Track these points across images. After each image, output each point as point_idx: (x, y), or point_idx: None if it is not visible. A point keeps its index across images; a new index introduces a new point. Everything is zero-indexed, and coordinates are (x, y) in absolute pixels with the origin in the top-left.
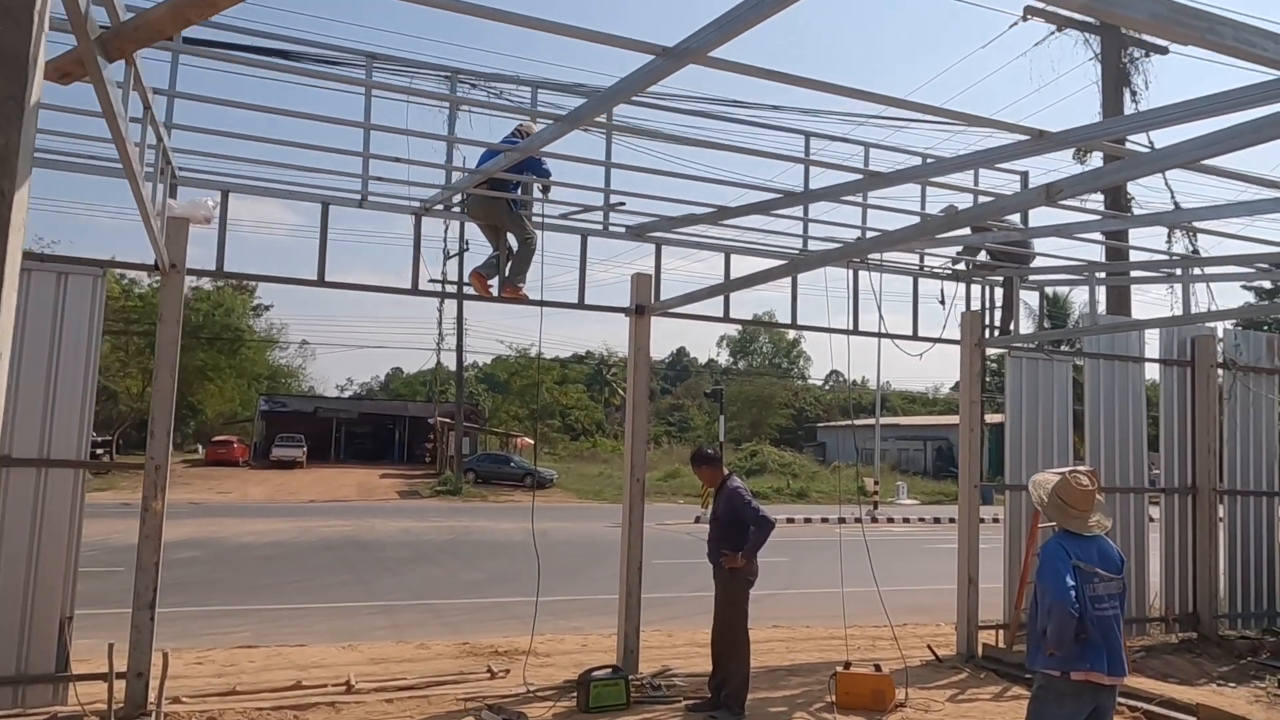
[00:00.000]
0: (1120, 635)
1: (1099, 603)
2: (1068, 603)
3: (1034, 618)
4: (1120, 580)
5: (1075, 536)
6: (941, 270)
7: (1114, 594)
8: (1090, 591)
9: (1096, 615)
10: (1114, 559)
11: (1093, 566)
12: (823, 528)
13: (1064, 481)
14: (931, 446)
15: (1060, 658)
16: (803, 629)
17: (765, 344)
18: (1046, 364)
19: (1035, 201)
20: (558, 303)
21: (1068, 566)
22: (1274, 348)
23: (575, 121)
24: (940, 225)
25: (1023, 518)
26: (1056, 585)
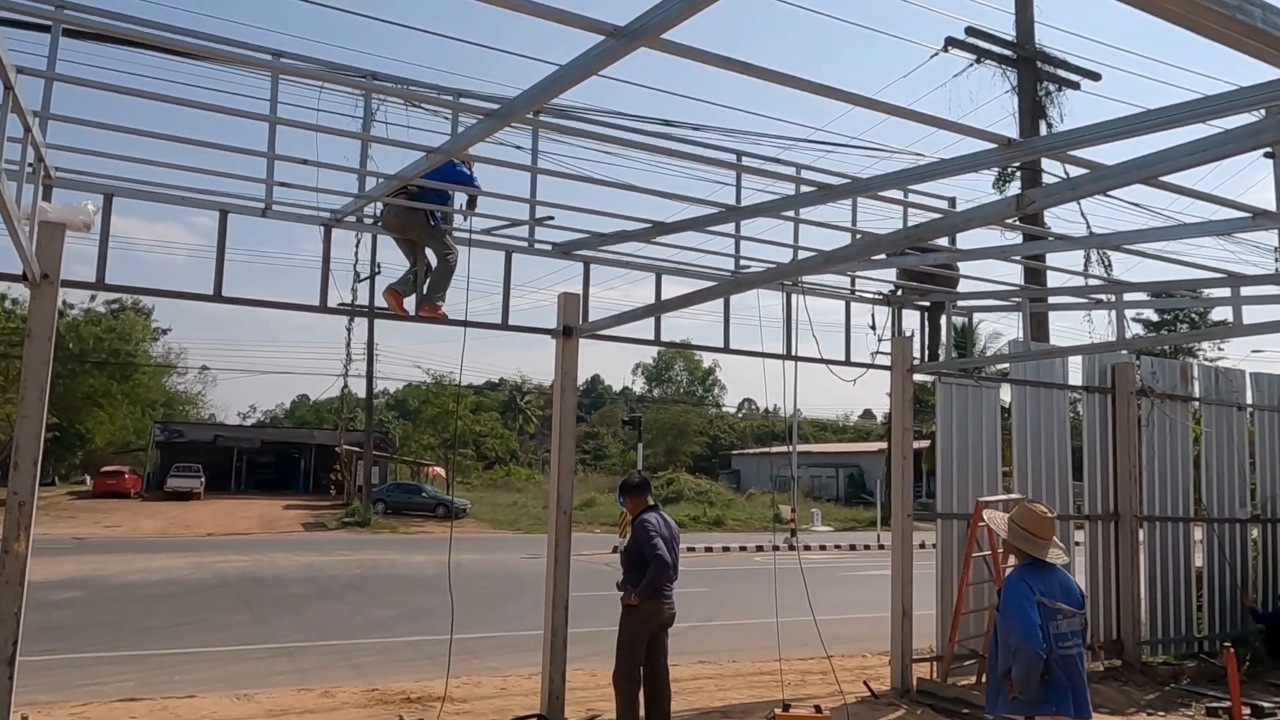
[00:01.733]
0: (1084, 674)
1: (1063, 641)
2: (1035, 643)
3: (994, 658)
4: (1082, 615)
5: (1037, 569)
6: (874, 296)
7: (1077, 630)
8: (1054, 629)
9: (1061, 654)
10: (1075, 592)
11: (1056, 602)
12: (741, 556)
13: (1022, 509)
14: (843, 473)
15: (1025, 701)
16: (730, 664)
17: (681, 372)
18: (975, 390)
19: (1005, 212)
20: (480, 323)
21: (1032, 603)
22: (1187, 376)
23: (507, 117)
24: (882, 243)
25: (955, 546)
26: (1023, 624)
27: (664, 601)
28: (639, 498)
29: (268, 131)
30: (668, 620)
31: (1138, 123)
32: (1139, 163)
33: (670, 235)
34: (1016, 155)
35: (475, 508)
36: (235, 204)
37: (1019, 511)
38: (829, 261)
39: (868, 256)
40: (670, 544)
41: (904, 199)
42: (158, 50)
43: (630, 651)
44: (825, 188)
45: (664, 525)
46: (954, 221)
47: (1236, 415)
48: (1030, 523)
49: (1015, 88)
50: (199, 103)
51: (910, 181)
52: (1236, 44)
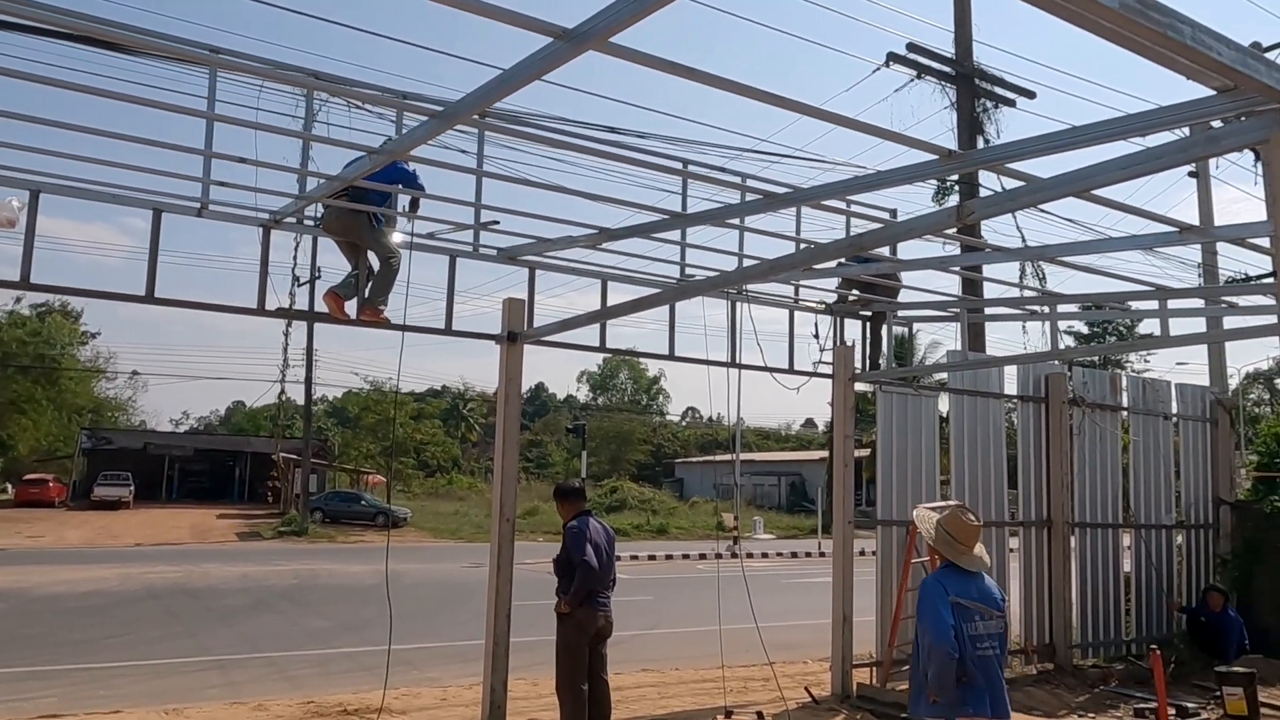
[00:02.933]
0: (1002, 675)
1: (979, 642)
2: (947, 644)
3: (916, 661)
4: (1002, 618)
5: (955, 572)
6: (816, 305)
7: (995, 633)
8: (970, 630)
9: (977, 655)
10: (995, 596)
11: (973, 603)
12: (684, 564)
13: (952, 515)
14: (786, 481)
15: (944, 704)
16: (673, 671)
17: (626, 380)
18: (915, 399)
19: (946, 222)
20: (423, 328)
21: (946, 604)
22: (1116, 386)
23: (452, 118)
24: (825, 251)
25: (895, 552)
26: (936, 625)
27: (598, 609)
28: (571, 504)
29: (205, 128)
30: (605, 629)
31: (1072, 137)
32: (1076, 175)
33: (616, 242)
34: (956, 167)
35: (416, 516)
36: (170, 203)
37: (948, 516)
38: (773, 269)
39: (811, 265)
40: (602, 550)
41: (847, 209)
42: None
43: (569, 661)
44: (770, 195)
45: (596, 531)
46: (896, 231)
47: (1162, 425)
48: (955, 528)
49: (954, 104)
50: (131, 96)
51: (853, 191)
52: (1167, 61)
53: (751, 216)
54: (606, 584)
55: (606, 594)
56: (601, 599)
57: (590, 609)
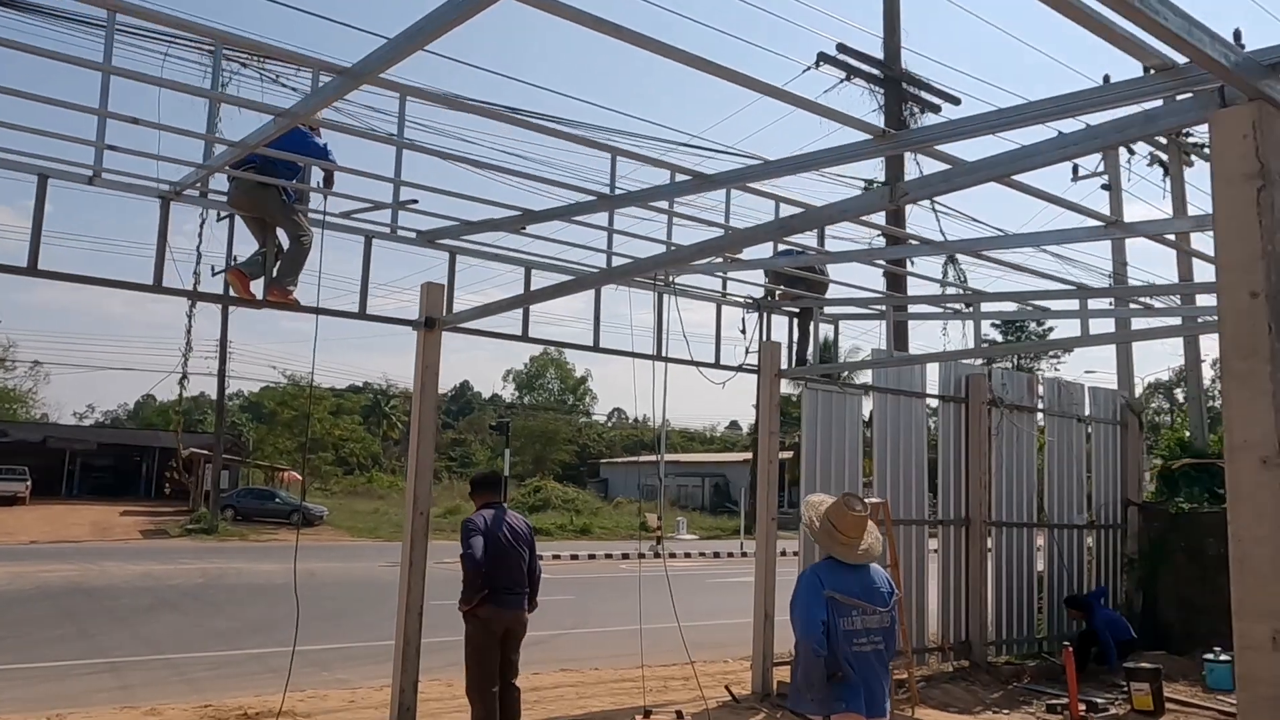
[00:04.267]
0: (884, 673)
1: (856, 638)
2: (812, 640)
3: (796, 656)
4: (888, 614)
5: (836, 565)
6: (744, 300)
7: (876, 629)
8: (845, 625)
9: (853, 652)
10: (881, 590)
11: (851, 598)
12: (607, 564)
13: (837, 506)
14: (709, 483)
15: (818, 699)
16: (592, 671)
17: (553, 380)
18: (840, 397)
19: (876, 204)
20: (335, 311)
21: (819, 599)
22: (1033, 387)
23: (361, 76)
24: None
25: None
26: (803, 620)
27: (504, 607)
28: (480, 495)
29: (100, 84)
30: (514, 628)
31: (1009, 117)
32: (1011, 155)
33: (542, 229)
34: (890, 147)
35: (333, 515)
36: (57, 169)
37: (833, 507)
38: (701, 251)
39: (739, 248)
40: (503, 543)
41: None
42: None
43: (477, 662)
44: (699, 176)
45: (498, 524)
46: (827, 214)
47: (1076, 427)
48: (839, 520)
49: (882, 107)
50: (14, 43)
51: (785, 171)
52: (1106, 34)
53: (681, 202)
54: (512, 581)
55: (517, 592)
56: (510, 597)
57: (495, 607)
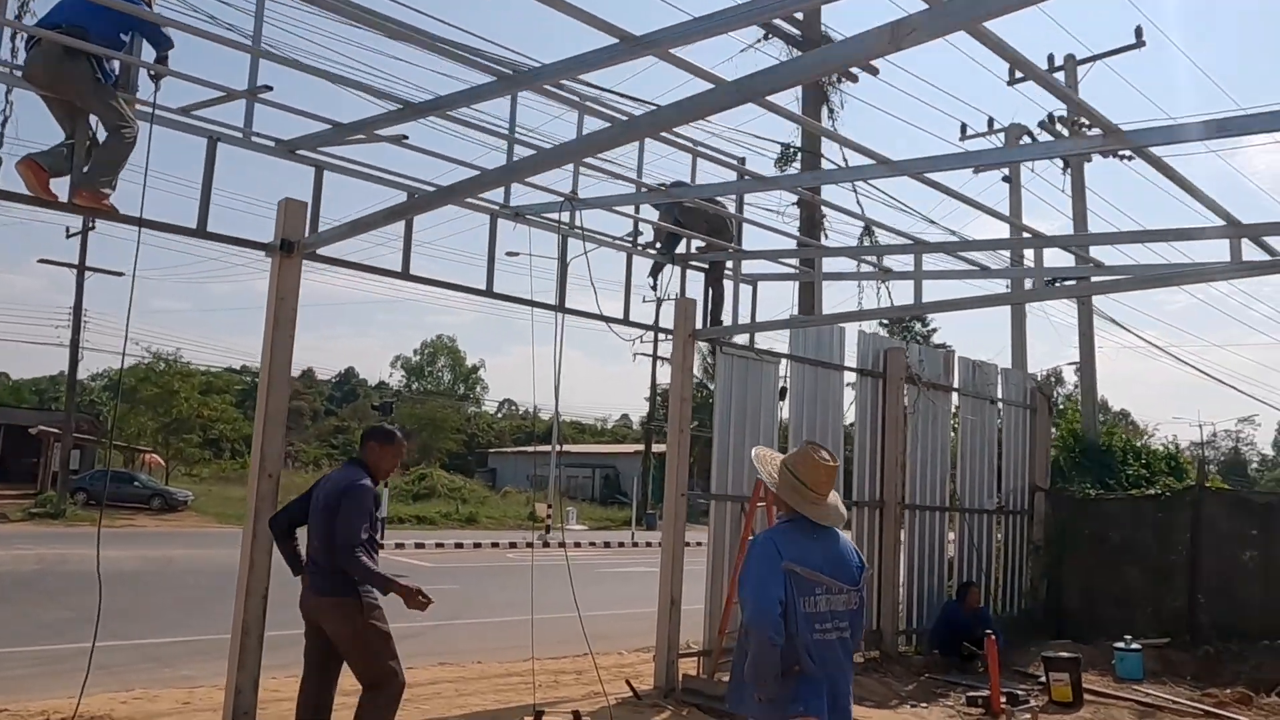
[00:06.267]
0: (849, 667)
1: (820, 622)
2: (768, 625)
3: (741, 644)
4: (857, 593)
5: (797, 531)
6: (656, 252)
7: (842, 610)
8: (807, 607)
9: (816, 640)
10: (850, 563)
11: (815, 572)
12: (494, 553)
13: (802, 453)
14: (600, 474)
15: (771, 699)
16: (474, 665)
17: (444, 368)
18: (756, 365)
19: (876, 46)
20: (164, 224)
21: (777, 572)
22: (950, 365)
23: None
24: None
25: (728, 530)
26: (757, 599)
27: (302, 588)
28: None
29: None
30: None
31: None
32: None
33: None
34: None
35: (200, 501)
36: None
37: (797, 455)
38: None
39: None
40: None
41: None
42: None
43: None
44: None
45: (321, 483)
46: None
47: (989, 408)
48: (805, 470)
49: None
50: None
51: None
52: None
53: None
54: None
55: (313, 570)
56: (311, 576)
57: (302, 588)
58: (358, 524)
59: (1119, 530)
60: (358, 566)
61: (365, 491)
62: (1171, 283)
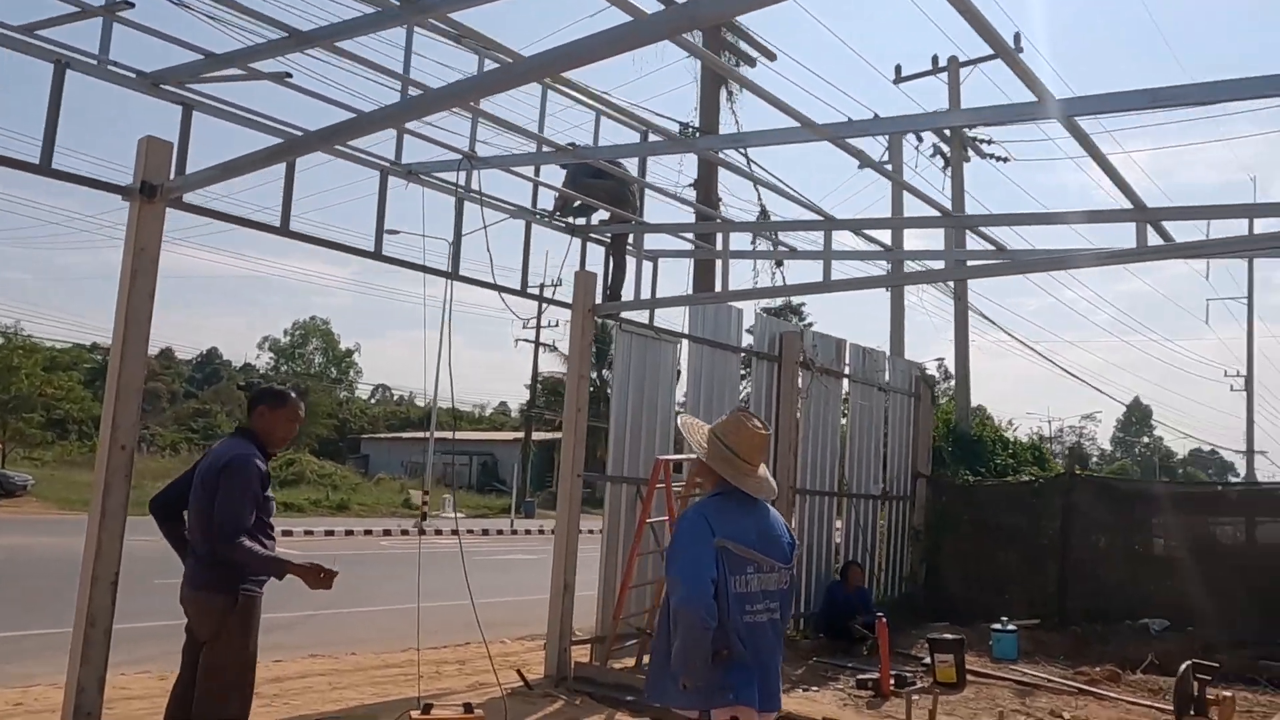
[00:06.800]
0: (780, 650)
1: (750, 602)
2: (701, 607)
3: (663, 629)
4: (788, 571)
5: (731, 503)
6: (556, 219)
7: (774, 590)
8: (738, 587)
9: (746, 622)
10: (782, 540)
11: (748, 549)
12: (367, 540)
13: (735, 422)
14: (478, 461)
15: (697, 688)
16: (349, 657)
17: (316, 351)
18: (655, 344)
19: None
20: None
21: (709, 548)
22: (842, 351)
23: None
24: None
25: (623, 514)
26: (689, 578)
27: (183, 579)
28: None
29: None
30: (186, 610)
31: None
32: None
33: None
34: None
35: (41, 485)
36: None
37: (727, 422)
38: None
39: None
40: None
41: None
42: None
43: None
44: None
45: (205, 459)
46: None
47: (877, 395)
48: (738, 439)
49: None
50: None
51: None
52: None
53: None
54: (190, 541)
55: (193, 556)
56: (189, 562)
57: None
58: (240, 505)
59: (995, 516)
60: (241, 553)
61: (249, 466)
62: (1076, 265)
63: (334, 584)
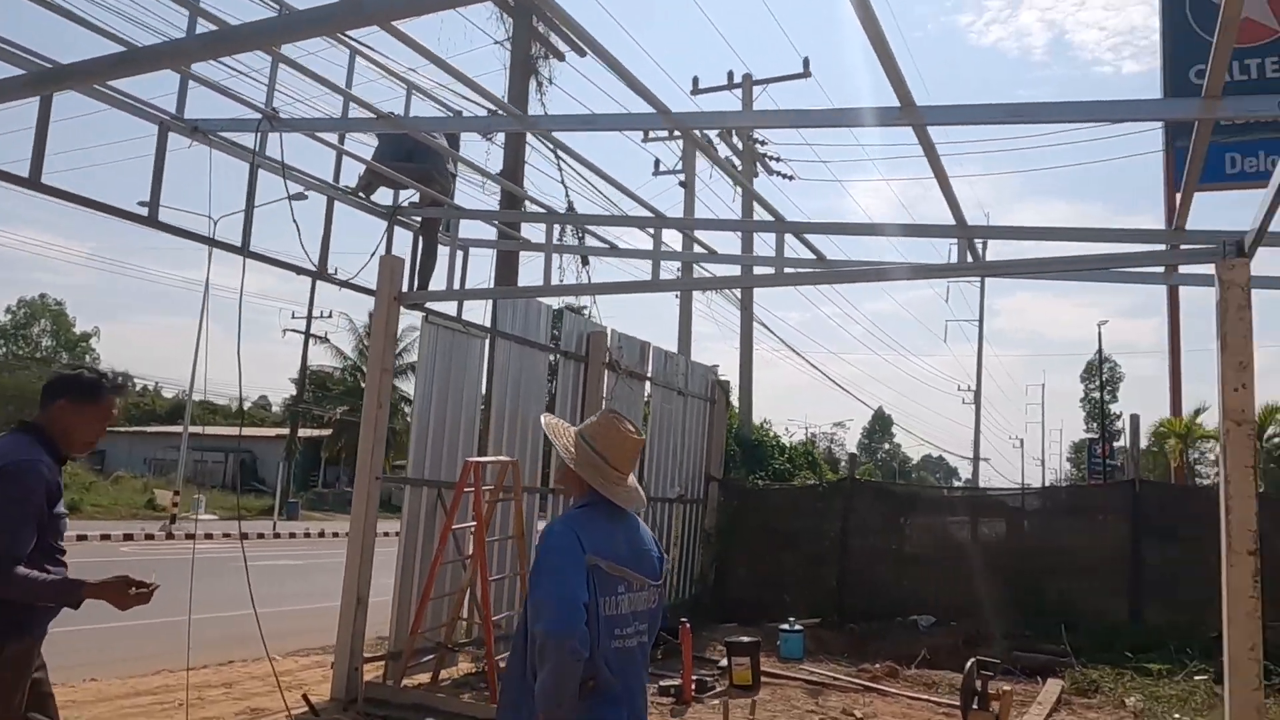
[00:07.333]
0: (645, 676)
1: (620, 626)
2: (573, 633)
3: (518, 653)
4: (658, 589)
5: (599, 517)
6: (360, 197)
7: (644, 610)
8: (608, 609)
9: (615, 648)
10: (651, 554)
11: (620, 567)
12: (104, 546)
13: (606, 424)
14: (234, 460)
15: None
16: (89, 685)
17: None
18: (463, 339)
19: None
20: None
21: (580, 568)
22: (646, 354)
23: None
24: None
25: (423, 520)
26: (560, 602)
27: None
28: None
29: None
30: None
31: None
32: None
33: None
34: None
35: None
36: None
37: (597, 424)
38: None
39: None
40: None
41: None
42: None
43: None
44: None
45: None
46: None
47: (676, 399)
48: (608, 443)
49: (510, 38)
50: None
51: None
52: None
53: None
54: None
55: None
56: None
57: None
58: (16, 524)
59: (782, 519)
60: (15, 586)
61: (31, 475)
62: (896, 277)
63: (153, 598)
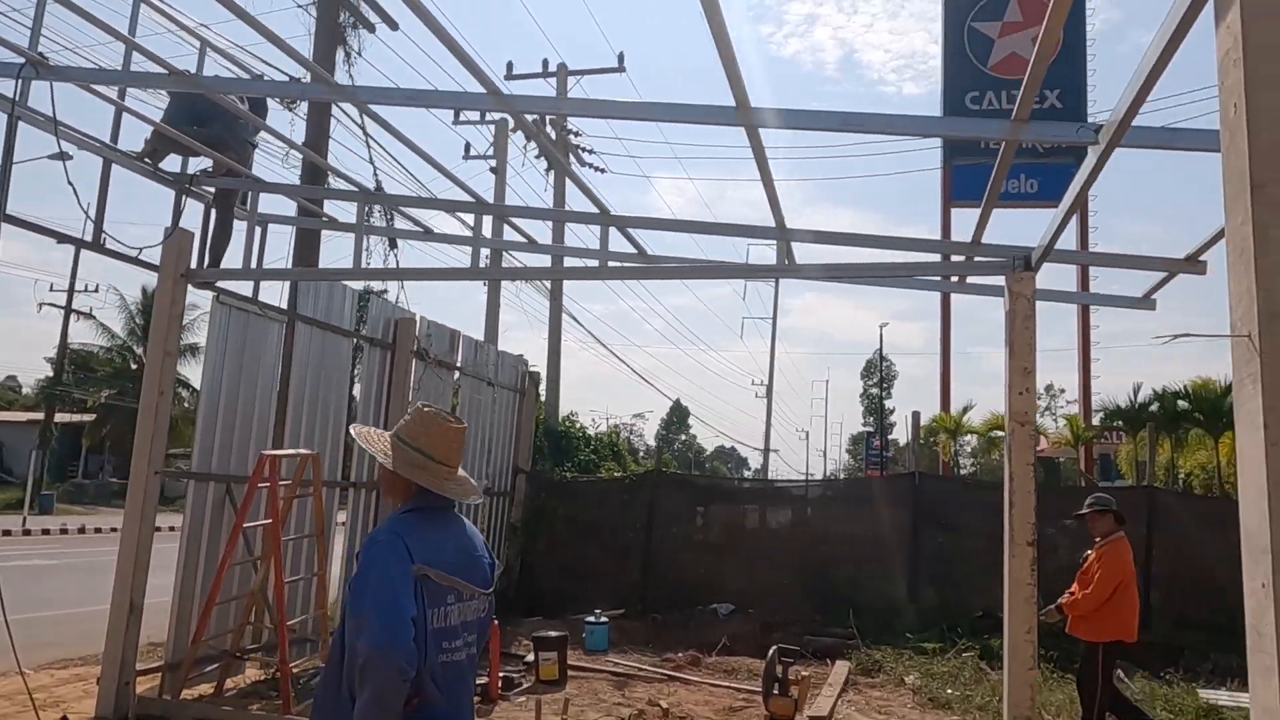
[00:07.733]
0: (472, 690)
1: (449, 639)
2: (399, 652)
3: (333, 669)
4: (488, 597)
5: (424, 522)
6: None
7: (473, 620)
8: (436, 621)
9: (443, 662)
10: (483, 560)
11: (449, 576)
12: None
13: (423, 420)
14: None
15: None
16: None
17: None
18: (259, 321)
19: None
20: None
21: (408, 579)
22: (456, 343)
23: None
24: None
25: (209, 517)
26: (386, 617)
27: None
28: None
29: None
30: None
31: None
32: None
33: None
34: None
35: None
36: None
37: (411, 422)
38: None
39: None
40: None
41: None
42: None
43: None
44: None
45: None
46: None
47: (486, 389)
48: (430, 439)
49: (316, 2)
50: None
51: None
52: None
53: None
54: None
55: None
56: None
57: None
58: None
59: (589, 510)
60: None
61: None
62: (719, 275)
63: None
